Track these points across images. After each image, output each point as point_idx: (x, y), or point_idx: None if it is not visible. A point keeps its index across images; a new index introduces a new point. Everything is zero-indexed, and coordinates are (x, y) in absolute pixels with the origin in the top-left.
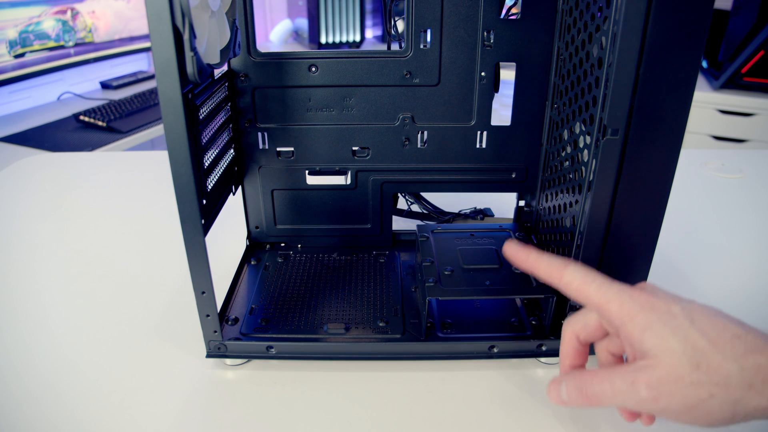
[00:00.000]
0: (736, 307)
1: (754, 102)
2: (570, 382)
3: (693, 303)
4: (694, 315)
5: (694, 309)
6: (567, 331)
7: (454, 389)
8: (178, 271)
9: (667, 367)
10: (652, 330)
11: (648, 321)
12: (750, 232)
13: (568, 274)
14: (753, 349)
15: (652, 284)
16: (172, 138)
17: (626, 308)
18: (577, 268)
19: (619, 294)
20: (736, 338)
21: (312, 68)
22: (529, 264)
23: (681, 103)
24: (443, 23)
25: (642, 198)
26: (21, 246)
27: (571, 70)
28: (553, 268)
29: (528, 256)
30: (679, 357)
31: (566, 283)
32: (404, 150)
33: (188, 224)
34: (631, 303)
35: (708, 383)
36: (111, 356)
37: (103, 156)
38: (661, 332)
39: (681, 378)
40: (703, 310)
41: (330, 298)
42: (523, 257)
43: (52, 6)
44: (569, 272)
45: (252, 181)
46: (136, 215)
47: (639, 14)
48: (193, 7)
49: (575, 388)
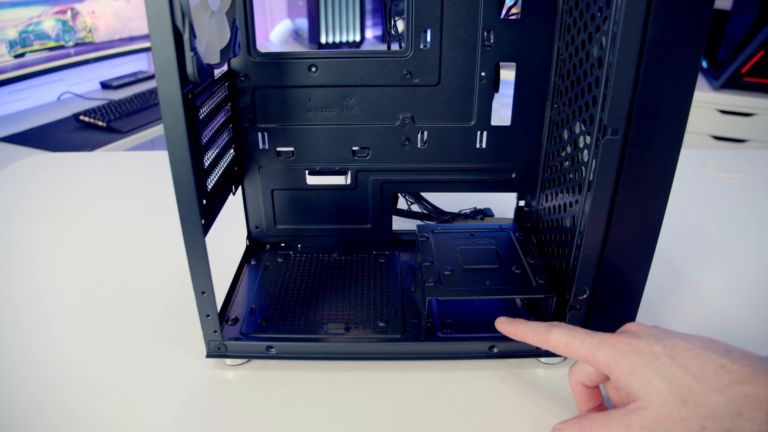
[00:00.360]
0: (736, 307)
1: (754, 102)
2: (571, 428)
3: (676, 338)
4: (675, 352)
5: (676, 345)
6: (572, 381)
7: (454, 389)
8: (178, 271)
9: (657, 407)
10: (637, 373)
11: (632, 365)
12: (750, 232)
13: (552, 337)
14: (738, 380)
15: (637, 324)
16: (172, 138)
17: (610, 356)
18: (559, 330)
19: (601, 344)
20: (721, 369)
21: (312, 68)
22: (519, 335)
23: (681, 103)
24: (443, 23)
25: (642, 198)
26: (21, 246)
27: (571, 70)
28: (538, 334)
29: (516, 329)
30: (666, 396)
31: (553, 346)
32: (404, 150)
33: (188, 224)
34: (614, 351)
35: (697, 417)
36: (111, 356)
37: (103, 156)
38: (645, 374)
39: (671, 416)
40: (686, 345)
41: (330, 298)
42: (512, 330)
43: (52, 6)
44: (553, 335)
45: (252, 181)
46: (136, 215)
47: (639, 14)
48: (193, 7)
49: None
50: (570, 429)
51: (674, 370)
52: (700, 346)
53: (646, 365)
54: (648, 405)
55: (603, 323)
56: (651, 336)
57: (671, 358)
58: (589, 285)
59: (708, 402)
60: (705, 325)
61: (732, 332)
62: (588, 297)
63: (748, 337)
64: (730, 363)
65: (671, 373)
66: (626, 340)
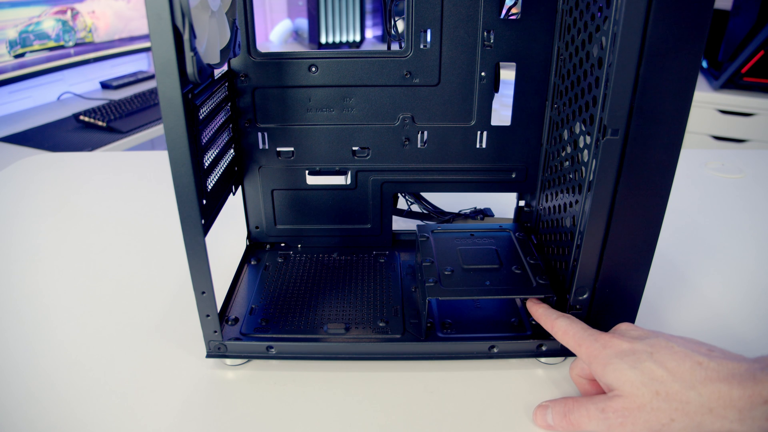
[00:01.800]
0: (736, 307)
1: (754, 102)
2: (556, 407)
3: (660, 337)
4: (654, 349)
5: (657, 343)
6: (572, 374)
7: (454, 389)
8: (178, 271)
9: (629, 396)
10: (611, 365)
11: (607, 358)
12: (750, 232)
13: (556, 323)
14: (713, 377)
15: (628, 324)
16: (172, 138)
17: (591, 350)
18: (564, 320)
19: (587, 338)
20: (697, 366)
21: (312, 68)
22: (535, 315)
23: (681, 103)
24: (443, 23)
25: (642, 198)
26: (21, 246)
27: (571, 70)
28: (548, 319)
29: (536, 310)
30: (638, 387)
31: (555, 331)
32: (404, 150)
33: (188, 224)
34: (595, 344)
35: (668, 409)
36: (111, 356)
37: (103, 156)
38: (618, 366)
39: (643, 405)
40: (667, 344)
41: (330, 298)
42: (533, 310)
43: (52, 6)
44: (557, 322)
45: (252, 181)
46: (136, 215)
47: (639, 14)
48: (193, 7)
49: (560, 414)
50: (555, 406)
51: (649, 363)
52: (681, 345)
53: (621, 358)
54: (623, 393)
55: (603, 323)
56: (635, 336)
57: (648, 354)
58: (589, 285)
59: (680, 396)
60: (705, 325)
61: (732, 332)
62: (588, 297)
63: (747, 337)
64: (708, 361)
65: (645, 366)
66: (609, 337)
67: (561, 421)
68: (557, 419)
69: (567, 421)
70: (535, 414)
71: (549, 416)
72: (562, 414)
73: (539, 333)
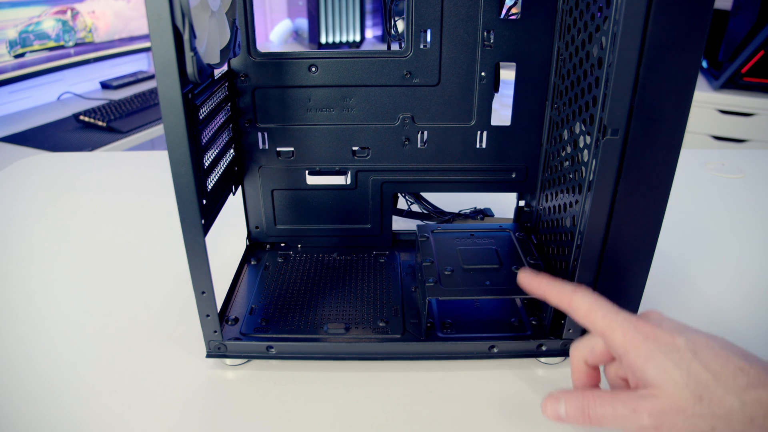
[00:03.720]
0: (737, 307)
1: (754, 102)
2: (571, 401)
3: (698, 334)
4: (697, 347)
5: (698, 341)
6: (575, 356)
7: (454, 389)
8: (178, 271)
9: (670, 398)
10: (655, 361)
11: (651, 352)
12: (750, 232)
13: (576, 299)
14: (755, 384)
15: (659, 313)
16: (172, 138)
17: (629, 337)
18: (585, 295)
19: (624, 323)
20: (740, 371)
21: (312, 68)
22: (541, 291)
23: (681, 103)
24: (443, 23)
25: (642, 198)
26: (21, 246)
27: (571, 70)
28: (563, 294)
29: (540, 283)
30: (682, 389)
31: (574, 309)
32: (404, 150)
33: (188, 224)
34: (635, 333)
35: (710, 416)
36: (111, 356)
37: (103, 156)
38: (663, 363)
39: (683, 410)
40: (707, 342)
41: (330, 298)
42: (536, 284)
43: (52, 6)
44: (577, 298)
45: (252, 181)
46: (136, 215)
47: (639, 14)
48: (193, 7)
49: (577, 408)
50: (570, 399)
51: (695, 364)
52: (720, 347)
53: (666, 354)
54: (661, 394)
55: None
56: (673, 328)
57: (692, 353)
58: (590, 285)
59: (723, 402)
60: (705, 326)
61: (732, 332)
62: None
63: (748, 337)
64: (749, 366)
65: (691, 367)
66: (649, 326)
67: (578, 416)
68: (573, 413)
69: (585, 416)
70: (544, 404)
71: (562, 408)
72: (580, 409)
73: (539, 333)
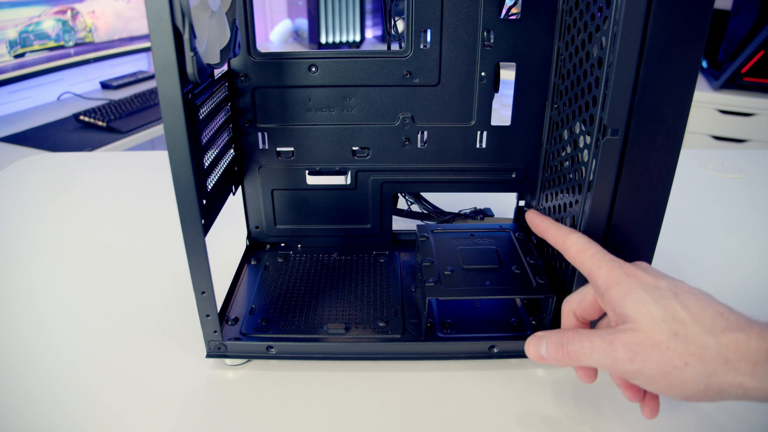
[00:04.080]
0: (736, 307)
1: (754, 102)
2: (551, 338)
3: (682, 282)
4: (679, 290)
5: (681, 285)
6: (564, 308)
7: (454, 389)
8: (178, 271)
9: (646, 331)
10: (633, 295)
11: (630, 287)
12: (750, 232)
13: (570, 239)
14: (733, 327)
15: (647, 264)
16: (172, 138)
17: (613, 275)
18: (579, 237)
19: (610, 262)
20: (718, 315)
21: (312, 68)
22: (542, 229)
23: (681, 103)
24: (443, 23)
25: (642, 198)
26: (21, 246)
27: (571, 70)
28: (559, 233)
29: (541, 223)
30: (658, 323)
31: (568, 247)
32: (404, 150)
33: (188, 224)
34: (619, 270)
35: (684, 352)
36: (111, 356)
37: (103, 156)
38: (642, 298)
39: (658, 343)
40: (690, 289)
41: (330, 298)
42: (538, 222)
43: (52, 6)
44: (571, 238)
45: (252, 181)
46: (136, 215)
47: (639, 14)
48: (193, 7)
49: (556, 344)
50: (551, 336)
51: (673, 302)
52: (703, 294)
53: (646, 291)
54: (638, 328)
55: None
56: (658, 274)
57: (673, 293)
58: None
59: (698, 340)
60: None
61: None
62: None
63: None
64: (728, 312)
65: (669, 305)
66: (633, 267)
67: (557, 352)
68: (553, 350)
69: (564, 352)
70: (527, 344)
71: (543, 347)
72: (559, 344)
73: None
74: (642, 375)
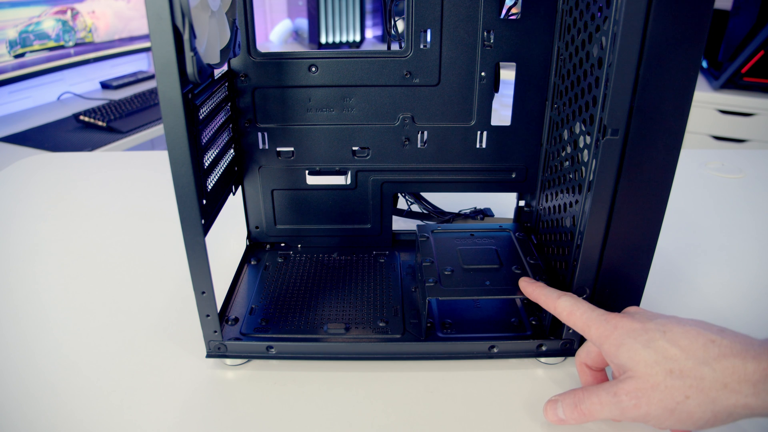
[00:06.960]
0: (736, 306)
1: (754, 102)
2: (566, 400)
3: (672, 318)
4: (666, 328)
5: (669, 323)
6: (576, 363)
7: (454, 389)
8: (178, 271)
9: (643, 376)
10: (625, 346)
11: (620, 338)
12: (750, 232)
13: (560, 304)
14: (727, 353)
15: (637, 308)
16: (172, 138)
17: (602, 330)
18: (567, 299)
19: (597, 319)
20: (710, 343)
21: (312, 68)
22: (534, 296)
23: (681, 103)
24: (443, 23)
25: (642, 198)
26: (21, 246)
27: (571, 70)
28: (549, 299)
29: (533, 290)
30: (652, 366)
31: (559, 312)
32: (404, 150)
33: (188, 224)
34: (606, 325)
35: (682, 386)
36: (111, 356)
37: (103, 156)
38: (632, 347)
39: (656, 384)
40: (678, 322)
41: (330, 298)
42: (530, 290)
43: (52, 6)
44: (561, 302)
45: (252, 181)
46: (135, 215)
47: (639, 14)
48: (193, 7)
49: (570, 405)
50: (564, 399)
51: (662, 342)
52: (692, 325)
53: (635, 338)
54: (635, 374)
55: None
56: (646, 316)
57: (661, 333)
58: (589, 285)
59: (694, 372)
60: None
61: None
62: (588, 297)
63: None
64: (720, 338)
65: (659, 345)
66: (620, 317)
67: (572, 413)
68: (568, 411)
69: (578, 411)
70: (545, 410)
71: (560, 410)
72: (572, 405)
73: (539, 333)
74: (651, 417)
